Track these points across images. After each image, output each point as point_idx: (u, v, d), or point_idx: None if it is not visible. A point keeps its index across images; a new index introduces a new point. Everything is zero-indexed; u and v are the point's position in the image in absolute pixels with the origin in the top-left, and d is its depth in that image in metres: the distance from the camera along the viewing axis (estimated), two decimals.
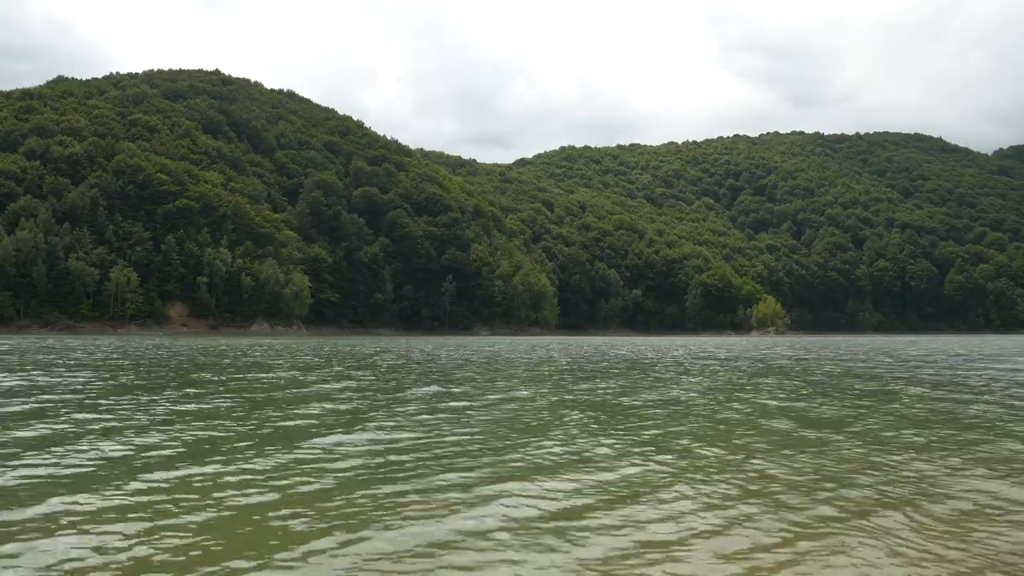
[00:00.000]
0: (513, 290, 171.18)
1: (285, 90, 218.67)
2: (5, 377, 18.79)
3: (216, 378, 19.69)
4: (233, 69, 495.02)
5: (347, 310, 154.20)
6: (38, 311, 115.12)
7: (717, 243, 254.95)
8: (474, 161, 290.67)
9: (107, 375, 20.51)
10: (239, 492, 6.24)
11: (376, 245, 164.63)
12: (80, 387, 16.19)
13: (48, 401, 13.16)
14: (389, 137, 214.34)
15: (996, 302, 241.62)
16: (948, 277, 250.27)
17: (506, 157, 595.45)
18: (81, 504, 5.80)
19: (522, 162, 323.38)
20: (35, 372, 21.00)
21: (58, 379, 18.27)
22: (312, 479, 6.80)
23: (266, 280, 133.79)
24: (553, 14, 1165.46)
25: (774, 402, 14.20)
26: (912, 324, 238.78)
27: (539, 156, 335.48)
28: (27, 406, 12.21)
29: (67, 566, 4.50)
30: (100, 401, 13.19)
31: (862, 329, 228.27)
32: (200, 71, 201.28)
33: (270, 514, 5.62)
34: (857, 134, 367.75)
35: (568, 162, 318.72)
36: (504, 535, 5.21)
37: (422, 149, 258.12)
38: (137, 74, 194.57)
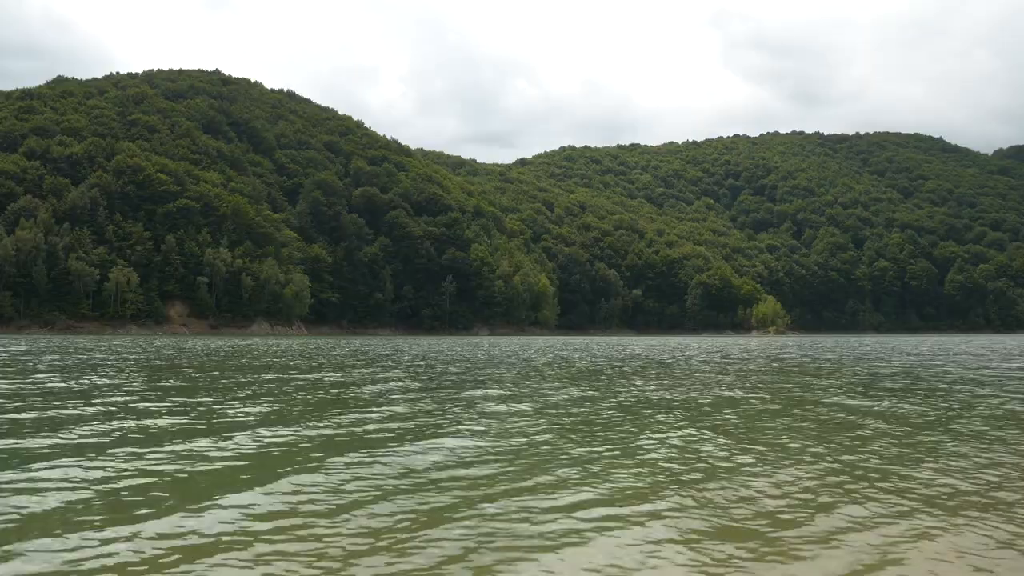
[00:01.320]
0: (513, 290, 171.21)
1: (285, 90, 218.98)
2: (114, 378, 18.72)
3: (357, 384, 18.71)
4: (233, 69, 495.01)
5: (347, 310, 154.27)
6: (38, 311, 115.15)
7: (717, 243, 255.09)
8: (474, 161, 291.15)
9: (222, 378, 20.41)
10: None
11: (376, 245, 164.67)
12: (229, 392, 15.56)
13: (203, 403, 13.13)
14: (390, 137, 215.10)
15: (996, 302, 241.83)
16: (948, 277, 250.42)
17: (509, 156, 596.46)
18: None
19: (522, 162, 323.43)
20: (134, 374, 20.99)
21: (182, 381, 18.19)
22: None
23: (266, 280, 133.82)
24: (555, 13, 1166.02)
25: (956, 402, 13.95)
26: (912, 324, 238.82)
27: (539, 156, 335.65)
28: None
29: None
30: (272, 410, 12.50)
31: (862, 329, 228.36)
32: (200, 71, 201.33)
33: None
34: (857, 134, 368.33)
35: (568, 162, 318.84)
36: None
37: (422, 149, 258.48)
38: (137, 74, 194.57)
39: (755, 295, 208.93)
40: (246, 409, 12.31)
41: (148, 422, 10.49)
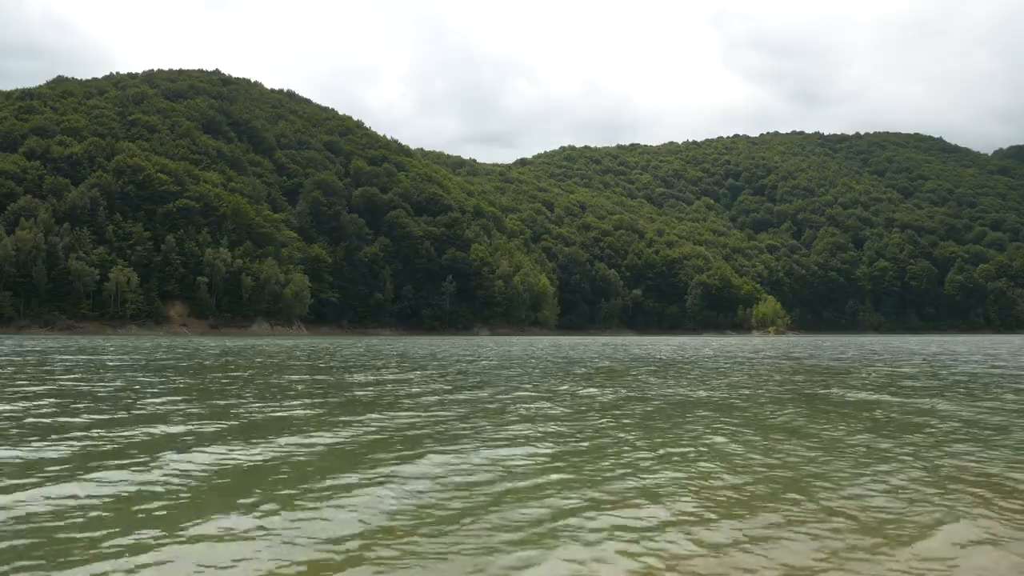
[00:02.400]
0: (513, 290, 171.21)
1: (285, 90, 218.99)
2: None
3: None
4: (233, 69, 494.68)
5: (347, 310, 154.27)
6: (38, 311, 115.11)
7: (717, 243, 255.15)
8: (474, 161, 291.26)
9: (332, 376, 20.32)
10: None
11: (376, 245, 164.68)
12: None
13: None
14: (390, 137, 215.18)
15: (996, 302, 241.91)
16: (948, 277, 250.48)
17: (509, 156, 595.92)
18: None
19: (522, 162, 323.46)
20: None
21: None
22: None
23: (266, 280, 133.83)
24: (555, 13, 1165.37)
25: None
26: (912, 324, 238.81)
27: (539, 156, 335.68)
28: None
29: None
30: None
31: (862, 329, 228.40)
32: (200, 71, 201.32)
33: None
34: (857, 134, 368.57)
35: (568, 162, 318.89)
36: None
37: (422, 149, 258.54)
38: (137, 74, 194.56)
39: (755, 295, 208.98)
40: (384, 413, 12.12)
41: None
